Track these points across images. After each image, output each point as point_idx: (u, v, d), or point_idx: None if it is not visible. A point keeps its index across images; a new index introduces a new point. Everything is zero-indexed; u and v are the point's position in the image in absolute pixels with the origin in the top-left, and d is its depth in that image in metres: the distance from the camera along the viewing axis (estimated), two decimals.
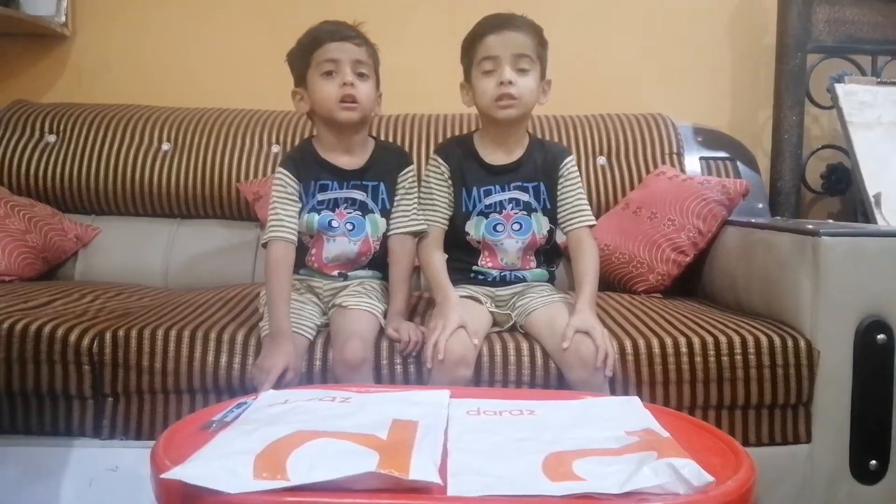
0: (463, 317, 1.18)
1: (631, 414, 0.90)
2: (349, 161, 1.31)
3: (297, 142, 1.89)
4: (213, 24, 2.12)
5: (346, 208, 1.29)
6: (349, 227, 1.29)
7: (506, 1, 2.01)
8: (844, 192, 2.01)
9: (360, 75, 1.25)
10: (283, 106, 1.99)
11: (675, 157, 1.90)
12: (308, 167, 1.29)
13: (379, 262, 1.34)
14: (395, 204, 1.32)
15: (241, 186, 1.84)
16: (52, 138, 1.90)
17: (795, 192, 1.96)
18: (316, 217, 1.28)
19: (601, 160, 1.91)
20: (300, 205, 1.28)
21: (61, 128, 1.91)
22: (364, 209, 1.30)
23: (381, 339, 1.22)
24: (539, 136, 1.87)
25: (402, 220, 1.32)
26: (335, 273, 1.31)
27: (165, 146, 1.90)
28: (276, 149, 1.90)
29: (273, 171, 1.84)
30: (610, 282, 1.70)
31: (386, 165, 1.32)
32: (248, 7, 2.12)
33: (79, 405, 1.24)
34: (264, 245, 1.26)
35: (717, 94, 2.13)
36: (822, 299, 1.26)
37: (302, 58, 1.26)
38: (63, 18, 2.07)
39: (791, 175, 1.95)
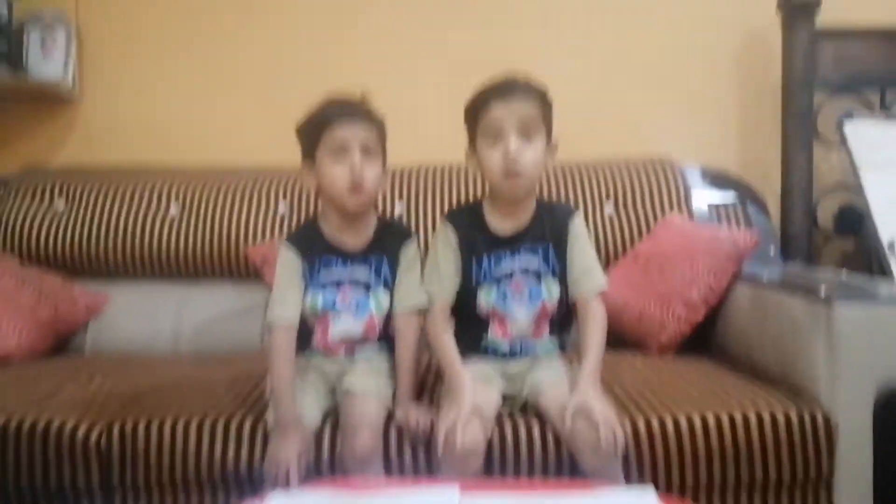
0: (477, 401, 1.16)
1: None
2: (353, 240, 1.31)
3: (303, 201, 1.90)
4: (218, 82, 2.13)
5: (349, 288, 1.29)
6: (353, 306, 1.28)
7: (511, 45, 2.07)
8: (858, 232, 1.97)
9: (369, 157, 1.25)
10: (288, 162, 2.00)
11: (682, 203, 1.87)
12: (313, 246, 1.29)
13: (386, 338, 1.33)
14: (398, 280, 1.31)
15: (250, 251, 1.84)
16: (61, 205, 1.91)
17: (807, 235, 1.93)
18: (320, 297, 1.27)
19: (608, 208, 1.88)
20: (303, 283, 1.28)
21: (70, 194, 1.92)
22: (367, 287, 1.30)
23: (390, 426, 1.21)
24: (546, 183, 1.88)
25: (405, 296, 1.31)
26: (341, 352, 1.30)
27: (174, 209, 1.90)
28: (282, 207, 1.90)
29: (280, 233, 1.86)
30: (620, 339, 1.67)
31: (388, 242, 1.32)
32: (252, 65, 2.13)
33: (87, 500, 1.24)
34: (268, 325, 1.27)
35: (724, 134, 2.10)
36: (839, 369, 1.23)
37: (311, 135, 1.26)
38: (71, 81, 2.08)
39: (802, 218, 1.92)
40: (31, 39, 2.07)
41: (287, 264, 1.28)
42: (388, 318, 1.31)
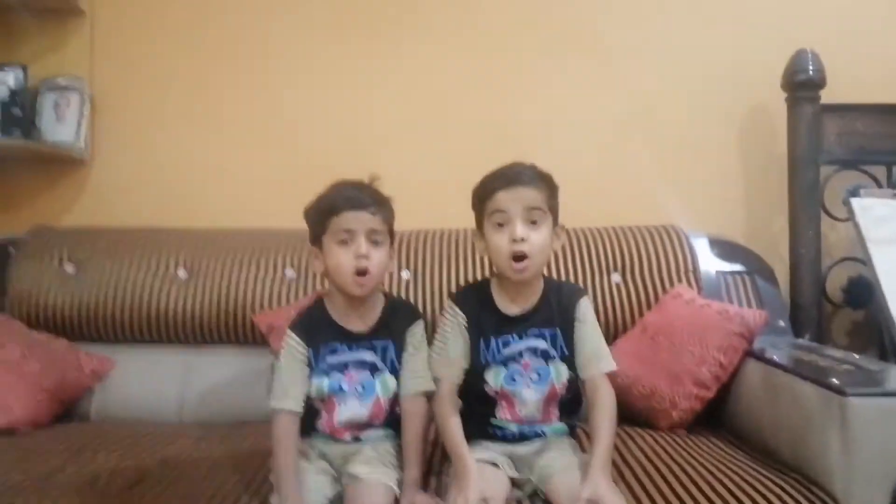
0: (484, 490, 1.15)
1: None
2: (359, 323, 1.31)
3: (309, 265, 1.90)
4: (228, 145, 2.17)
5: (355, 371, 1.29)
6: (359, 389, 1.28)
7: (517, 115, 2.10)
8: (868, 304, 1.97)
9: (375, 243, 1.27)
10: (295, 224, 2.02)
11: (690, 273, 1.87)
12: (318, 331, 1.30)
13: (392, 420, 1.32)
14: (404, 362, 1.31)
15: (256, 318, 1.84)
16: (70, 267, 1.92)
17: (816, 307, 1.93)
18: (326, 381, 1.27)
19: (615, 277, 1.88)
20: (307, 370, 1.28)
21: (79, 256, 1.93)
22: (374, 370, 1.29)
23: None
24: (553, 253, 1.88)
25: (413, 379, 1.30)
26: (347, 436, 1.29)
27: (181, 273, 1.91)
28: (290, 273, 1.90)
29: (287, 300, 1.86)
30: (631, 415, 1.66)
31: (395, 324, 1.33)
32: (261, 132, 2.17)
33: None
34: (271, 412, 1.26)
35: (731, 203, 2.12)
36: (854, 461, 1.21)
37: (318, 222, 1.29)
38: (82, 144, 2.12)
39: (811, 289, 1.92)
40: (45, 103, 2.12)
41: (291, 351, 1.29)
42: (395, 401, 1.31)
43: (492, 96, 2.14)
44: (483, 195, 1.30)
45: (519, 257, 1.25)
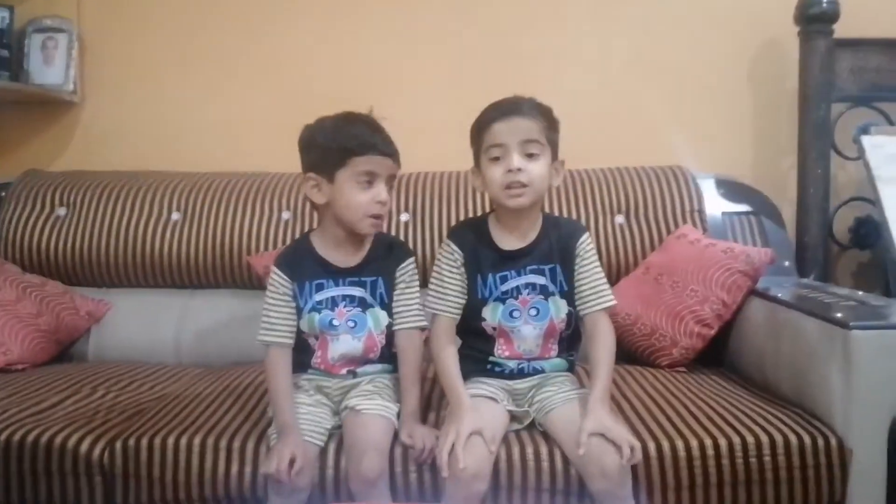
0: (478, 422, 1.14)
1: None
2: (346, 258, 1.29)
3: (306, 207, 1.87)
4: (220, 87, 2.11)
5: (345, 306, 1.27)
6: (351, 324, 1.27)
7: (523, 54, 2.04)
8: (874, 245, 1.94)
9: (390, 188, 1.27)
10: (291, 167, 1.98)
11: (696, 214, 1.84)
12: (303, 267, 1.28)
13: (388, 355, 1.31)
14: (396, 298, 1.30)
15: (251, 259, 1.82)
16: (62, 211, 1.90)
17: (823, 247, 1.90)
18: (316, 317, 1.26)
19: (619, 219, 1.85)
20: (294, 305, 1.27)
21: (71, 200, 1.90)
22: (364, 305, 1.28)
23: (395, 446, 1.19)
24: (556, 192, 1.84)
25: (406, 315, 1.30)
26: (344, 372, 1.29)
27: (175, 216, 1.88)
28: (286, 215, 1.88)
29: (283, 241, 1.83)
30: (632, 354, 1.65)
31: (384, 261, 1.31)
32: (256, 69, 2.11)
33: None
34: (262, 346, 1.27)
35: (739, 143, 2.07)
36: (854, 394, 1.20)
37: (334, 156, 1.23)
38: (72, 87, 2.07)
39: (818, 229, 1.89)
40: (32, 45, 2.07)
41: (275, 287, 1.27)
42: (390, 336, 1.30)
43: (495, 34, 2.07)
44: (480, 127, 1.26)
45: (515, 186, 1.22)
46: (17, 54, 2.06)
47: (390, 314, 1.30)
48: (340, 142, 1.23)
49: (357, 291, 1.28)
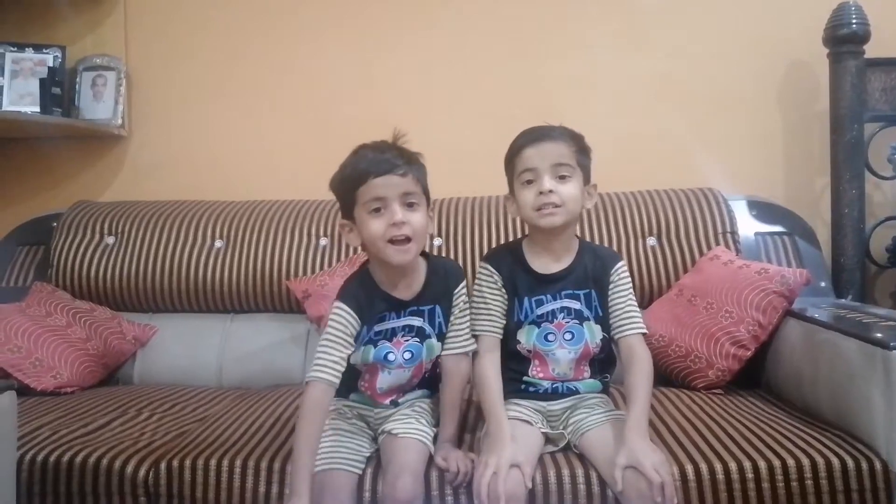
0: (517, 456, 1.15)
1: None
2: (405, 290, 1.25)
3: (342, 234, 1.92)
4: (258, 117, 2.19)
5: (403, 336, 1.25)
6: (407, 355, 1.25)
7: (552, 79, 2.07)
8: None
9: (410, 206, 1.17)
10: (328, 194, 2.03)
11: (728, 236, 1.83)
12: (369, 303, 1.22)
13: (429, 380, 1.32)
14: (451, 323, 1.28)
15: (291, 284, 1.86)
16: (110, 240, 1.97)
17: (860, 268, 1.87)
18: (372, 350, 1.23)
19: (651, 241, 1.85)
20: (352, 347, 1.21)
21: (119, 229, 1.98)
22: (422, 335, 1.26)
23: (431, 469, 1.20)
24: (589, 215, 1.86)
25: (456, 339, 1.28)
26: (387, 402, 1.29)
27: (218, 243, 1.94)
28: (324, 241, 1.92)
29: (321, 267, 1.88)
30: (667, 376, 1.64)
31: (440, 287, 1.27)
32: (292, 99, 2.18)
33: None
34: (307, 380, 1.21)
35: (770, 164, 2.06)
36: None
37: (346, 193, 1.19)
38: (120, 121, 2.17)
39: (854, 251, 1.86)
40: (83, 83, 2.18)
41: (340, 322, 1.19)
42: (435, 362, 1.30)
43: (522, 59, 2.11)
44: (512, 154, 1.29)
45: (547, 206, 1.23)
46: (68, 92, 2.17)
47: (443, 342, 1.28)
48: (344, 178, 1.19)
49: (416, 321, 1.25)
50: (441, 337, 1.28)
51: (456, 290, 1.28)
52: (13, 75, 2.13)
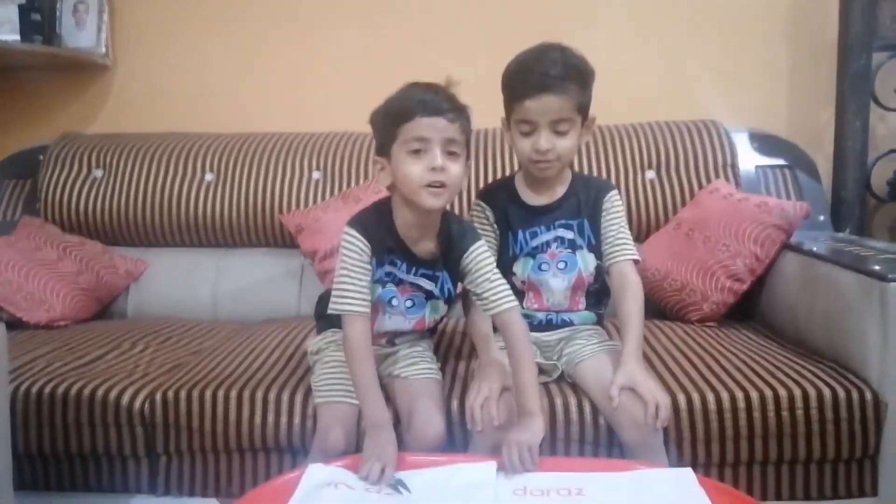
0: (507, 379, 1.15)
1: (681, 492, 0.91)
2: (423, 246, 1.19)
3: (336, 168, 1.88)
4: (249, 47, 2.11)
5: (410, 289, 1.22)
6: (409, 304, 1.22)
7: (556, 8, 1.99)
8: None
9: (451, 154, 1.10)
10: (323, 127, 1.99)
11: (729, 168, 1.80)
12: (381, 237, 1.16)
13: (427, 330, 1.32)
14: (479, 283, 1.16)
15: (284, 218, 1.84)
16: (98, 173, 1.93)
17: (860, 202, 1.85)
18: (379, 289, 1.19)
19: (650, 174, 1.83)
20: (370, 272, 1.15)
21: (107, 162, 1.94)
22: (430, 296, 1.23)
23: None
24: (587, 147, 1.82)
25: (497, 299, 1.16)
26: (383, 342, 1.27)
27: (209, 176, 1.91)
28: (317, 175, 1.89)
29: (314, 201, 1.85)
30: (661, 309, 1.64)
31: (453, 251, 1.19)
32: (287, 32, 2.10)
33: (133, 464, 1.28)
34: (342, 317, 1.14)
35: (774, 95, 2.01)
36: (891, 348, 1.19)
37: (388, 128, 1.11)
38: (104, 49, 2.09)
39: (855, 185, 1.84)
40: (63, 9, 2.09)
41: (354, 251, 1.14)
42: (438, 319, 1.29)
43: None
44: (511, 96, 1.24)
45: (542, 163, 1.23)
46: (48, 19, 2.08)
47: (449, 302, 1.26)
48: (388, 112, 1.12)
49: (426, 284, 1.21)
50: (448, 301, 1.26)
51: (467, 254, 1.18)
52: None
